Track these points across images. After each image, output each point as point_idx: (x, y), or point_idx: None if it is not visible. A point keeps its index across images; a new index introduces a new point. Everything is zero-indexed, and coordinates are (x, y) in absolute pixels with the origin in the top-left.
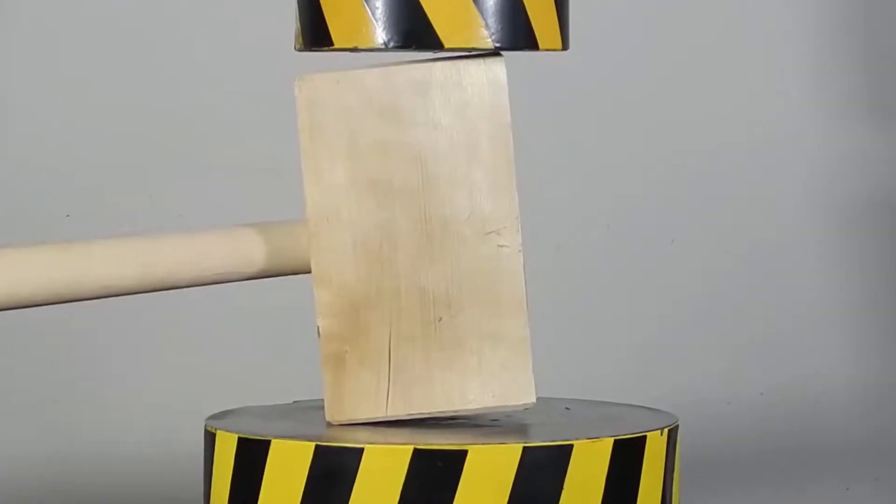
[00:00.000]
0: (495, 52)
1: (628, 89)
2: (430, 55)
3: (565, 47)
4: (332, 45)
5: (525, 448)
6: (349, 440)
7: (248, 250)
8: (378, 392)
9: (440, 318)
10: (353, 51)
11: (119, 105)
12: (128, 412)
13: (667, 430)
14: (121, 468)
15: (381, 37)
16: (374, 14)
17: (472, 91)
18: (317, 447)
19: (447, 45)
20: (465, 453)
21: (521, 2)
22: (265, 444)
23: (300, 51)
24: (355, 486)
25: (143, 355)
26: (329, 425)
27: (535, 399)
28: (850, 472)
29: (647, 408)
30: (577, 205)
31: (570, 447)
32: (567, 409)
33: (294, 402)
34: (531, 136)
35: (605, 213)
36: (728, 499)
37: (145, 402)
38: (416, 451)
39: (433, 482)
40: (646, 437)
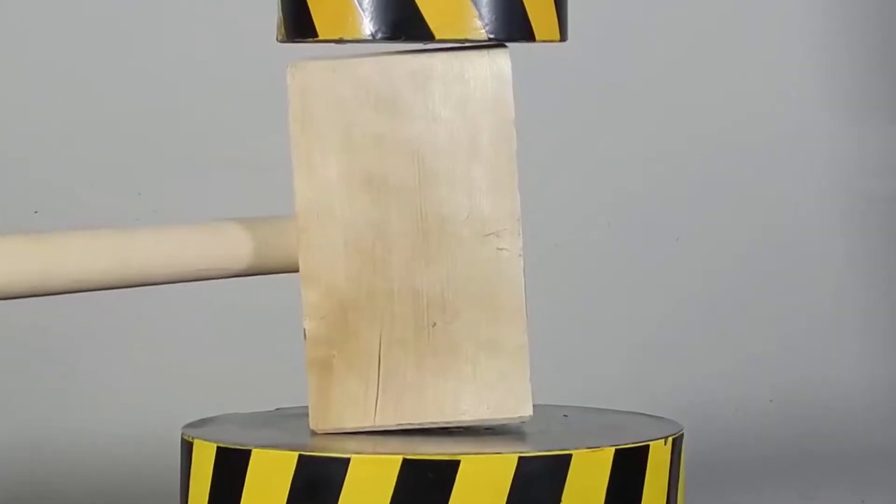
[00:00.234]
0: (500, 44)
1: (629, 81)
2: (432, 46)
3: (563, 39)
4: (316, 36)
5: (521, 458)
6: (335, 450)
7: (232, 246)
8: (366, 400)
9: (434, 324)
10: (339, 42)
11: (103, 100)
12: (99, 417)
13: (671, 440)
14: (91, 479)
15: (368, 27)
16: (360, 3)
17: (474, 84)
18: (300, 457)
19: (438, 37)
20: (458, 464)
21: None
22: (245, 454)
23: (282, 42)
24: (341, 499)
25: (117, 356)
26: (313, 434)
27: (531, 412)
28: (865, 483)
29: (649, 415)
30: (577, 201)
31: (569, 457)
32: (565, 416)
33: (276, 409)
34: (528, 129)
35: (605, 209)
36: None
37: (118, 407)
38: (405, 462)
39: (424, 494)
40: (648, 446)
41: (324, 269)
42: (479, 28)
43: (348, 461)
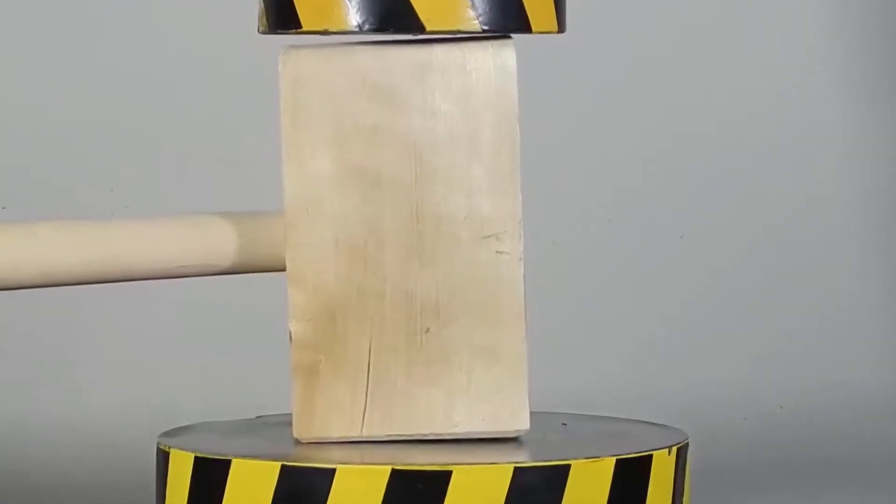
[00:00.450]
0: (504, 35)
1: (632, 73)
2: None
3: (562, 30)
4: (299, 27)
5: (517, 468)
6: (319, 460)
7: (215, 241)
8: (353, 408)
9: (427, 329)
10: (324, 34)
11: (73, 91)
12: (70, 423)
13: (675, 449)
14: (62, 488)
15: (354, 18)
16: None
17: (476, 77)
18: (283, 468)
19: (429, 28)
20: (450, 474)
21: None
22: (225, 465)
23: (264, 33)
24: None
25: (87, 358)
26: (297, 443)
27: (528, 425)
28: (883, 494)
29: (652, 423)
30: (575, 197)
31: (567, 468)
32: (564, 424)
33: (258, 416)
34: (525, 122)
35: (605, 205)
36: None
37: (90, 414)
38: (394, 472)
39: None
40: (651, 456)
41: (312, 269)
42: (473, 19)
43: (334, 472)
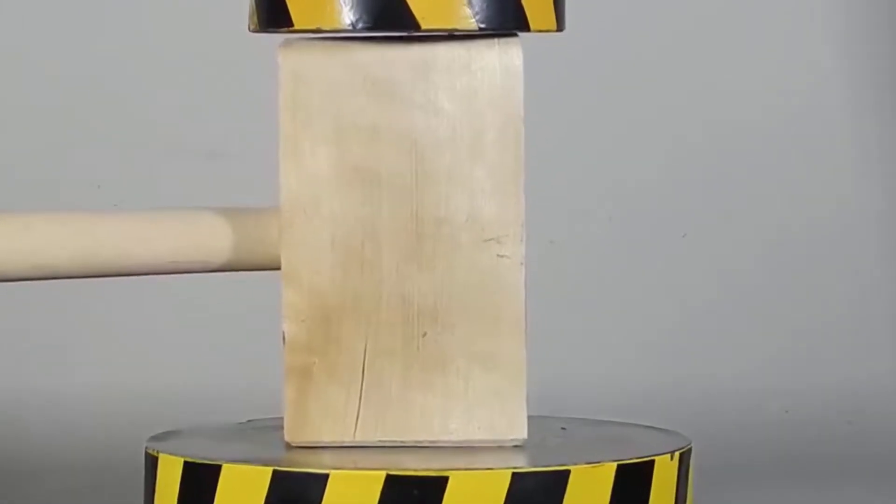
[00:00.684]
0: (511, 34)
1: (630, 60)
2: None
3: (561, 28)
4: (291, 25)
5: (514, 474)
6: (312, 465)
7: (209, 237)
8: (347, 412)
9: (425, 333)
10: (316, 32)
11: (63, 90)
12: (54, 425)
13: (678, 454)
14: (50, 493)
15: (348, 16)
16: None
17: (481, 76)
18: (275, 473)
19: (424, 27)
20: (446, 480)
21: None
22: (215, 470)
23: (255, 32)
24: None
25: (73, 356)
26: (289, 448)
27: (526, 435)
28: (893, 497)
29: (654, 427)
30: (575, 194)
31: (567, 473)
32: (563, 428)
33: (249, 420)
34: (525, 120)
35: (605, 202)
36: None
37: (75, 415)
38: (388, 478)
39: None
40: (654, 461)
41: (307, 269)
42: (469, 17)
43: (327, 477)
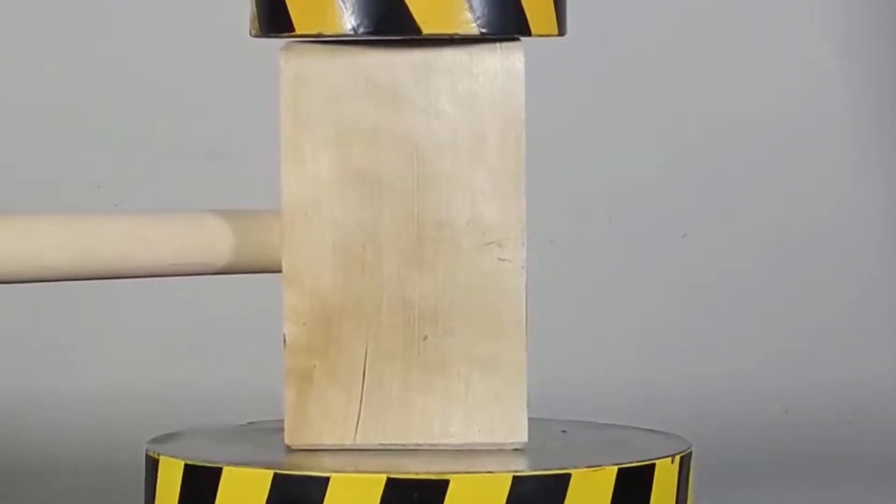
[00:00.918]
0: (513, 38)
1: (630, 60)
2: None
3: (562, 33)
4: (292, 30)
5: (515, 478)
6: (313, 468)
7: (210, 240)
8: (347, 415)
9: (425, 337)
10: (318, 38)
11: (64, 90)
12: (55, 426)
13: (678, 458)
14: (50, 495)
15: (349, 21)
16: None
17: (483, 80)
18: (275, 476)
19: (425, 31)
20: (447, 483)
21: None
22: (216, 473)
23: (256, 37)
24: None
25: (74, 358)
26: (289, 450)
27: (526, 438)
28: (893, 497)
29: (655, 431)
30: (574, 194)
31: (568, 476)
32: (563, 431)
33: (249, 422)
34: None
35: (605, 202)
36: None
37: (76, 417)
38: (389, 481)
39: None
40: (654, 465)
41: (308, 271)
42: (470, 22)
43: (327, 480)
